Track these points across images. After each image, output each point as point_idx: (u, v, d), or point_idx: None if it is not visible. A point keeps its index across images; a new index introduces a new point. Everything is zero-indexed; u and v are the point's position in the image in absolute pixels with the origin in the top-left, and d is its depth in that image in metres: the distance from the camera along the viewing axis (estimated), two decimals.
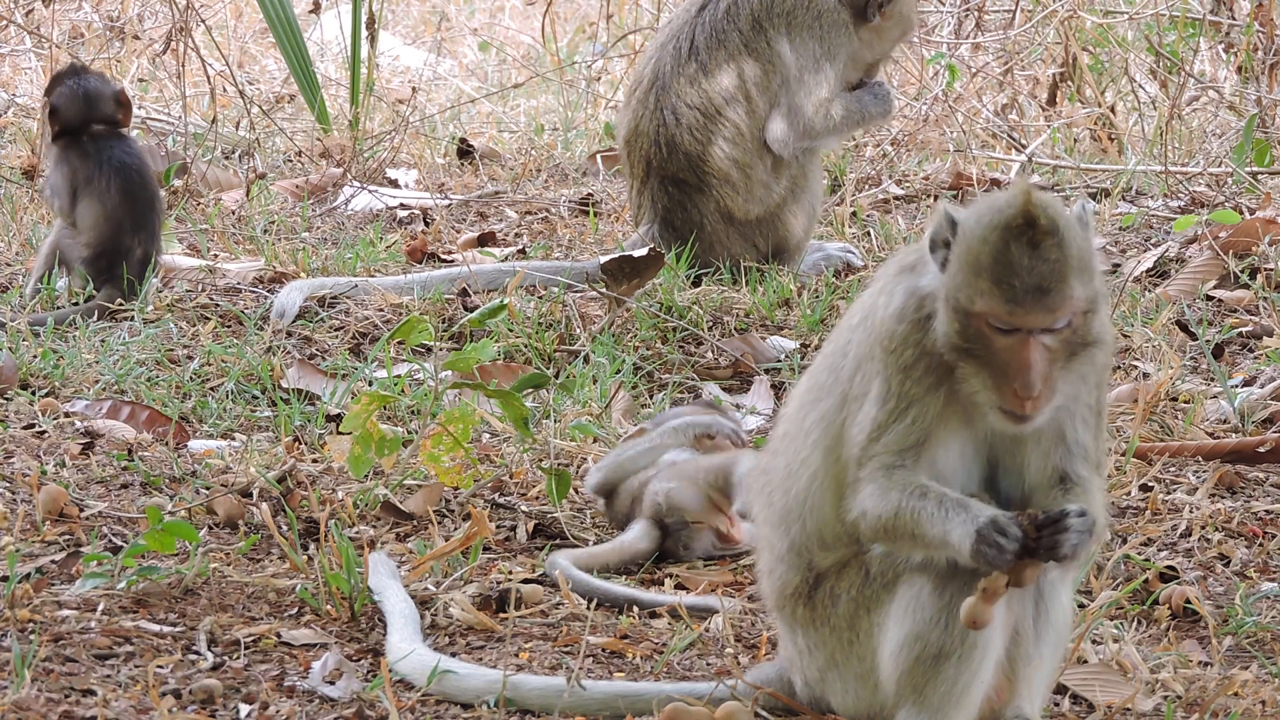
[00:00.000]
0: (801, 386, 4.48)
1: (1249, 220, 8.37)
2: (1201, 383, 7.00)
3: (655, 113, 8.11)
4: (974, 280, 4.13)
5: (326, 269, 8.09)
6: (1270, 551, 5.73)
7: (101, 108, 7.86)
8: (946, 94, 10.75)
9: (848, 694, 4.40)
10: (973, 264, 4.14)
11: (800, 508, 4.40)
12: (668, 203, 8.12)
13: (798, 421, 4.43)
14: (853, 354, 4.33)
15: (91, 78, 7.95)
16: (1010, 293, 4.11)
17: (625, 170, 8.35)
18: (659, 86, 8.11)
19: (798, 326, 7.48)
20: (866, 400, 4.26)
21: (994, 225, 4.15)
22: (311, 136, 10.73)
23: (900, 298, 4.27)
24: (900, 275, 4.32)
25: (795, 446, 4.42)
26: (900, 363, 4.23)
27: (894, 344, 4.24)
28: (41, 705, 4.43)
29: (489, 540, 5.57)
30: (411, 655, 4.73)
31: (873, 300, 4.34)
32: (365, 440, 5.81)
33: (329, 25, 12.92)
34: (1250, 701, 4.74)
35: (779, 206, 8.14)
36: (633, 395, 6.84)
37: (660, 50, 8.17)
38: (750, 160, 8.06)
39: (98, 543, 5.46)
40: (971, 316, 4.15)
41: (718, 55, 8.02)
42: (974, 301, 4.13)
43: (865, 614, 4.33)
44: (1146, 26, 11.35)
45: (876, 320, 4.28)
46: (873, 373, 4.27)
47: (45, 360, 6.92)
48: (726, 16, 8.04)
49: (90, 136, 7.80)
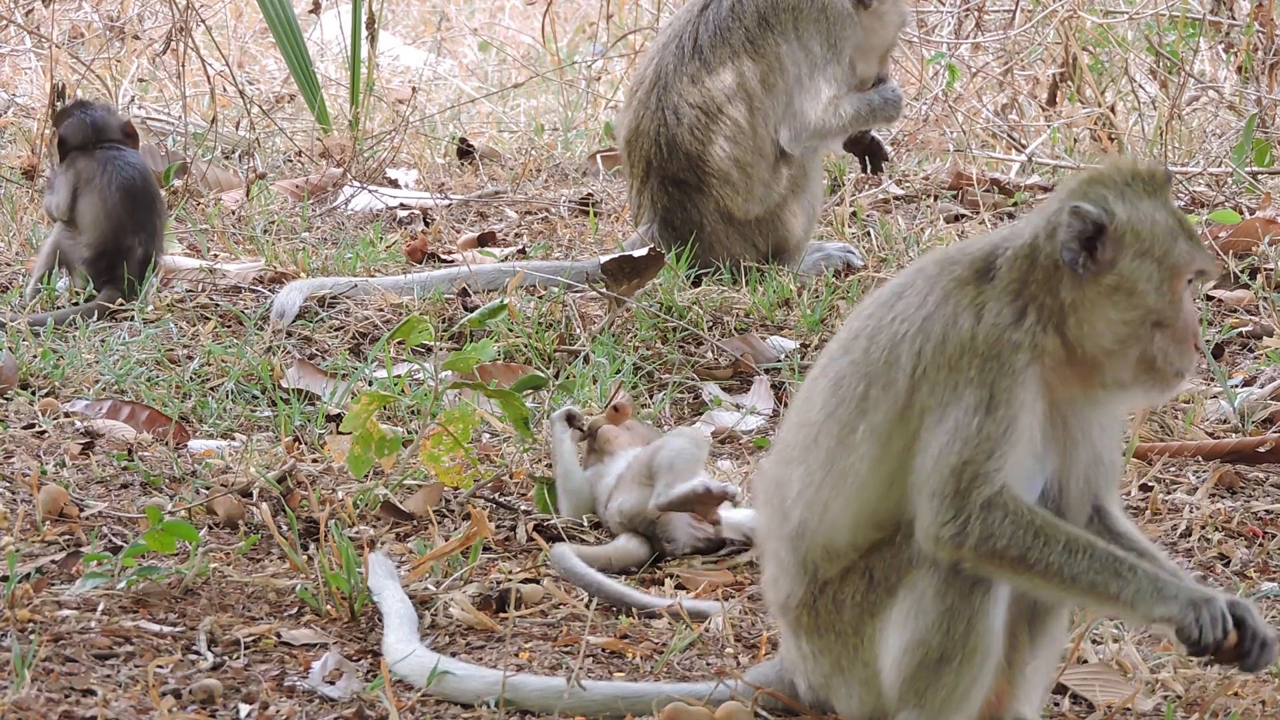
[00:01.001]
0: (822, 394, 4.34)
1: (1249, 220, 8.37)
2: (1201, 383, 7.00)
3: (656, 112, 8.11)
4: (1174, 245, 4.22)
5: (326, 269, 8.09)
6: (1270, 551, 5.73)
7: (108, 136, 7.91)
8: (946, 94, 10.75)
9: (851, 699, 4.40)
10: (1166, 232, 4.22)
11: (827, 519, 4.31)
12: (668, 202, 8.12)
13: (831, 434, 4.30)
14: (907, 363, 4.22)
15: (98, 109, 8.02)
16: (1199, 243, 4.27)
17: (625, 170, 8.35)
18: (660, 86, 8.11)
19: (798, 326, 7.48)
20: (954, 409, 4.17)
21: (1149, 194, 4.25)
22: (311, 136, 10.73)
23: (999, 307, 4.20)
24: (968, 287, 4.24)
25: (831, 458, 4.30)
26: (1009, 367, 4.16)
27: (1001, 348, 4.17)
28: (41, 705, 4.43)
29: (489, 540, 5.57)
30: (411, 656, 4.73)
31: (936, 311, 4.23)
32: (365, 440, 5.81)
33: (329, 25, 12.92)
34: (1250, 701, 4.74)
35: (779, 206, 8.14)
36: (633, 395, 6.84)
37: (662, 50, 8.17)
38: (751, 159, 8.06)
39: (98, 543, 5.46)
40: (1178, 280, 4.22)
41: (721, 53, 8.02)
42: (1187, 263, 4.22)
43: (869, 619, 4.32)
44: (1146, 26, 11.35)
45: (964, 330, 4.19)
46: (959, 381, 4.17)
47: (45, 360, 6.92)
48: (731, 14, 8.04)
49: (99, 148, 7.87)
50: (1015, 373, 4.17)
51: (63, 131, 7.94)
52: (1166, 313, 4.21)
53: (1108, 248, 4.20)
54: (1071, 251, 4.19)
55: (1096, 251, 4.20)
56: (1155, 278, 4.21)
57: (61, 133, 7.94)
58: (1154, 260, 4.21)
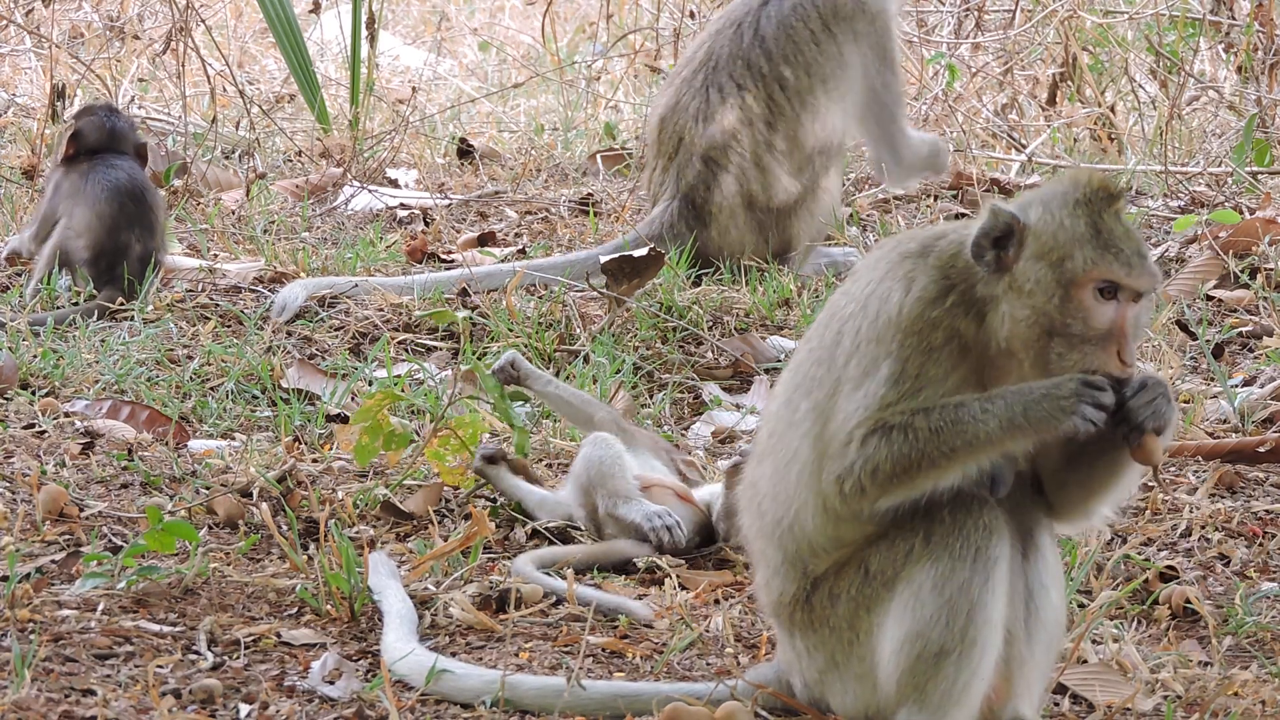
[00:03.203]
0: (785, 386, 4.46)
1: (1249, 220, 8.37)
2: (1201, 383, 7.00)
3: (700, 90, 8.27)
4: (1078, 251, 4.21)
5: (326, 269, 8.09)
6: (1270, 551, 5.73)
7: (119, 147, 7.91)
8: (946, 94, 10.75)
9: (847, 694, 4.40)
10: (1070, 238, 4.22)
11: (792, 509, 4.37)
12: (692, 179, 8.22)
13: (785, 419, 4.40)
14: (848, 341, 4.32)
15: (122, 120, 8.02)
16: (1121, 255, 4.22)
17: (652, 149, 8.48)
18: (710, 66, 8.28)
19: (798, 326, 7.48)
20: (869, 380, 4.25)
21: (1076, 202, 4.26)
22: (311, 136, 10.73)
23: (926, 281, 4.28)
24: (907, 260, 4.33)
25: (783, 445, 4.39)
26: (925, 344, 4.24)
27: (920, 325, 4.25)
28: (41, 705, 4.43)
29: (489, 540, 5.57)
30: (410, 655, 4.73)
31: (875, 287, 4.32)
32: (374, 431, 5.84)
33: (329, 25, 12.92)
34: (1250, 701, 4.74)
35: (796, 201, 8.24)
36: (633, 395, 6.84)
37: (715, 36, 8.34)
38: (786, 148, 8.20)
39: (98, 543, 5.46)
40: (1077, 289, 4.20)
41: (785, 46, 8.20)
42: (1087, 270, 4.20)
43: (865, 613, 4.32)
44: (1146, 26, 11.35)
45: (894, 303, 4.27)
46: (880, 355, 4.26)
47: (45, 360, 6.92)
48: (794, 13, 8.22)
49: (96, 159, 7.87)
50: (930, 350, 4.24)
51: (80, 124, 7.93)
52: (1057, 318, 4.21)
53: (1013, 248, 4.25)
54: (979, 247, 4.27)
55: (1008, 251, 4.25)
56: (1047, 281, 4.22)
57: (79, 125, 7.93)
58: (1048, 265, 4.23)
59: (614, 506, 5.62)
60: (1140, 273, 4.23)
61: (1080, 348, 4.22)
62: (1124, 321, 4.23)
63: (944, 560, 4.21)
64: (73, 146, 7.90)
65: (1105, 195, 4.27)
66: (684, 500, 5.71)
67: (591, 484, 5.65)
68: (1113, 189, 4.27)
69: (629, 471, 5.70)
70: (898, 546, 4.27)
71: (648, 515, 5.59)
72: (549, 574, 5.33)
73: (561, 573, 5.31)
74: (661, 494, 5.71)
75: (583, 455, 5.72)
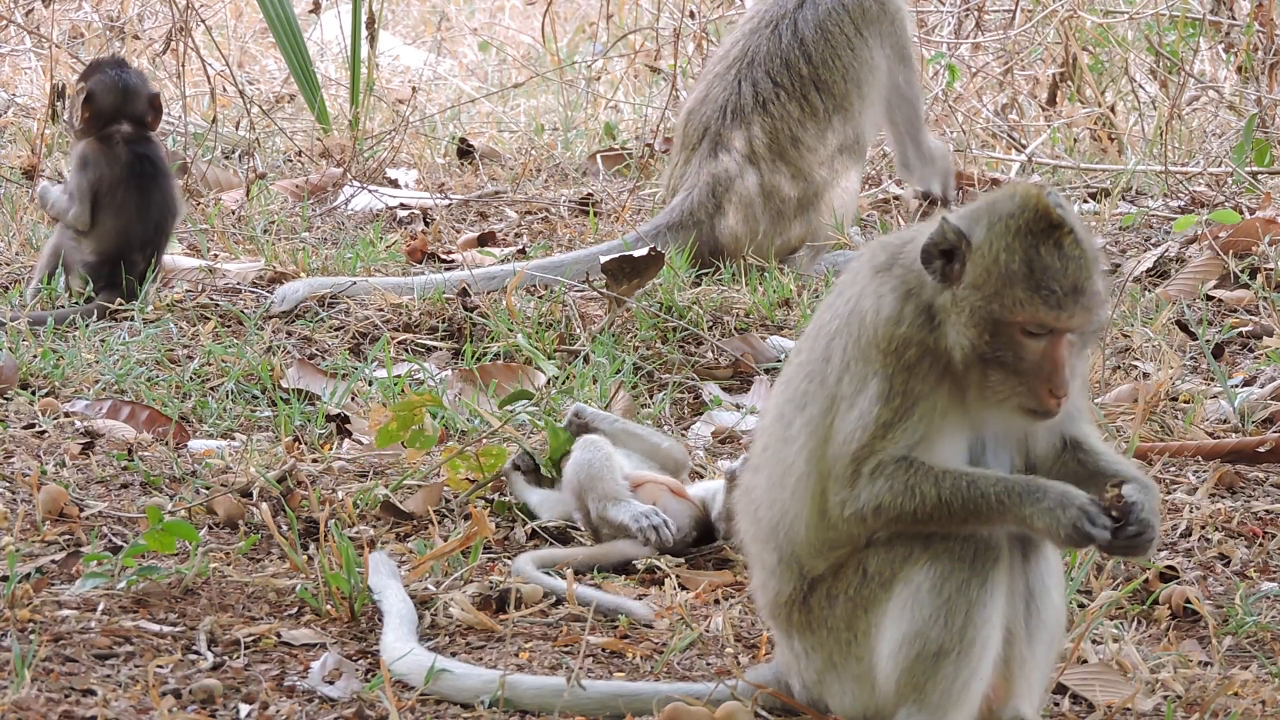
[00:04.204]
0: (778, 398, 4.46)
1: (1249, 220, 8.37)
2: (1201, 383, 7.00)
3: (733, 83, 8.34)
4: (1008, 290, 4.17)
5: (326, 269, 8.09)
6: (1270, 551, 5.73)
7: (135, 105, 7.77)
8: (946, 94, 10.75)
9: (845, 695, 4.40)
10: (1003, 274, 4.18)
11: (786, 518, 4.39)
12: (715, 169, 8.26)
13: (779, 432, 4.41)
14: (837, 359, 4.32)
15: (132, 73, 7.86)
16: (1051, 298, 4.16)
17: (677, 140, 8.52)
18: (745, 62, 8.35)
19: (798, 326, 7.48)
20: (862, 399, 4.26)
21: (1015, 231, 4.20)
22: (311, 136, 10.73)
23: (891, 301, 4.28)
24: (878, 276, 4.33)
25: (778, 457, 4.41)
26: (903, 362, 4.24)
27: (894, 345, 4.25)
28: (41, 705, 4.43)
29: (489, 540, 5.57)
30: (409, 655, 4.73)
31: (855, 304, 4.33)
32: (405, 422, 5.87)
33: (329, 25, 12.92)
34: (1250, 701, 4.74)
35: (811, 199, 8.27)
36: (633, 395, 6.84)
37: (751, 35, 8.40)
38: (812, 143, 8.26)
39: (98, 543, 5.46)
40: (1006, 326, 4.18)
41: (824, 50, 8.27)
42: (1014, 311, 4.17)
43: (863, 614, 4.33)
44: (1146, 26, 11.35)
45: (867, 324, 4.28)
46: (868, 373, 4.27)
47: (45, 360, 6.91)
48: (830, 17, 8.30)
49: (121, 139, 7.75)
50: (909, 367, 4.23)
51: (92, 86, 7.72)
52: (987, 350, 4.20)
53: (958, 263, 4.23)
54: (928, 255, 4.25)
55: (954, 265, 4.24)
56: (981, 313, 4.19)
57: (91, 87, 7.72)
58: (982, 297, 4.20)
59: (604, 509, 5.63)
60: (1071, 313, 4.17)
61: (1013, 378, 4.20)
62: (1056, 356, 4.19)
63: (943, 561, 4.22)
64: (88, 111, 7.74)
65: (1045, 225, 4.19)
66: (678, 495, 5.71)
67: (582, 487, 5.67)
68: (1054, 218, 4.19)
69: (618, 472, 5.71)
70: (896, 548, 4.27)
71: (635, 515, 5.59)
72: (549, 574, 5.34)
73: (561, 572, 5.31)
74: (654, 491, 5.71)
75: (573, 459, 5.73)
